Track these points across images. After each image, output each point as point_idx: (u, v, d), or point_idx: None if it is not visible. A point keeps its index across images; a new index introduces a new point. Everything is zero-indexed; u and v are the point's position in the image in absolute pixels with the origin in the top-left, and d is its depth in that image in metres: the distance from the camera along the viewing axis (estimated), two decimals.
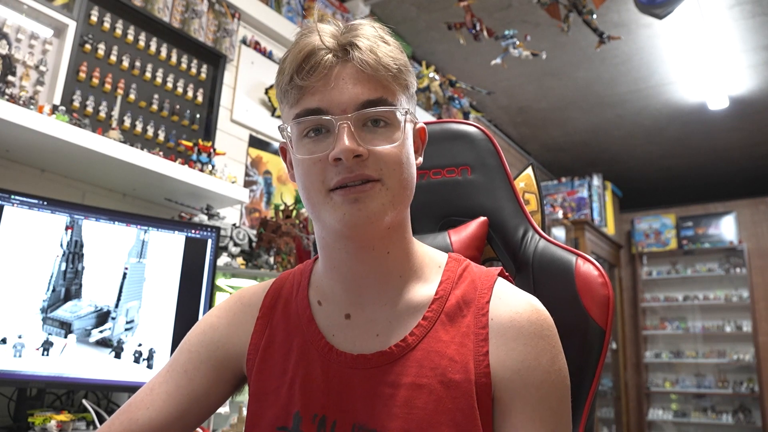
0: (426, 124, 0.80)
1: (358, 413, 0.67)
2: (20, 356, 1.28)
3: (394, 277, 0.72)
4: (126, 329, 1.44)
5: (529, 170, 1.01)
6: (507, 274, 0.76)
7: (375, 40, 0.69)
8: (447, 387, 0.65)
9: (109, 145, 1.56)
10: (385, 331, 0.71)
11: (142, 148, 1.69)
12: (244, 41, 2.44)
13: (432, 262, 0.75)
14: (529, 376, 0.66)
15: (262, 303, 0.79)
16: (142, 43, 2.00)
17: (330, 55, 0.67)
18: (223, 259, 1.90)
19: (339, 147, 0.64)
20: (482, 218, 0.92)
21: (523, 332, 0.68)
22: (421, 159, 0.77)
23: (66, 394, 1.46)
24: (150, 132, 1.98)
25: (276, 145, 2.49)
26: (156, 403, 0.75)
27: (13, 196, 1.33)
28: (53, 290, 1.35)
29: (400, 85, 0.70)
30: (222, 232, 1.86)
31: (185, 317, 1.52)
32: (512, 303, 0.70)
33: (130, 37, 1.97)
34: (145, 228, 1.51)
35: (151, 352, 1.46)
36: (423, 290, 0.72)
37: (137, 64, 1.98)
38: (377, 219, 0.66)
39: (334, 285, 0.74)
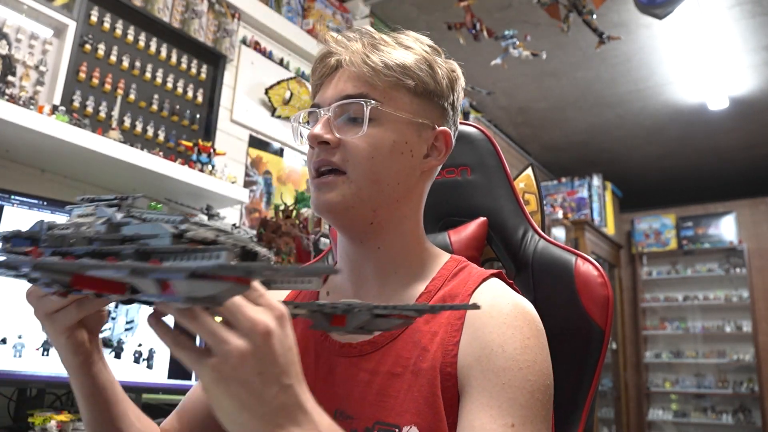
0: None
1: (339, 399, 0.70)
2: (20, 356, 1.28)
3: (388, 273, 0.76)
4: (126, 329, 1.44)
5: (529, 170, 1.01)
6: (506, 277, 0.77)
7: (378, 41, 0.74)
8: (416, 375, 0.67)
9: (109, 145, 1.56)
10: None
11: (142, 149, 1.69)
12: (244, 41, 2.44)
13: (434, 262, 0.78)
14: (490, 361, 0.64)
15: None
16: (142, 43, 2.00)
17: (333, 59, 0.75)
18: None
19: (309, 133, 0.73)
20: (482, 219, 0.92)
21: (493, 320, 0.67)
22: (435, 162, 0.77)
23: (66, 394, 1.46)
24: (150, 132, 1.98)
25: (276, 145, 2.50)
26: (195, 391, 0.81)
27: (13, 196, 1.33)
28: None
29: (391, 83, 0.72)
30: None
31: None
32: (493, 296, 0.70)
33: (130, 37, 1.97)
34: None
35: (151, 352, 1.46)
36: (416, 286, 0.75)
37: (137, 64, 1.98)
38: (335, 210, 0.72)
39: (343, 276, 0.79)
